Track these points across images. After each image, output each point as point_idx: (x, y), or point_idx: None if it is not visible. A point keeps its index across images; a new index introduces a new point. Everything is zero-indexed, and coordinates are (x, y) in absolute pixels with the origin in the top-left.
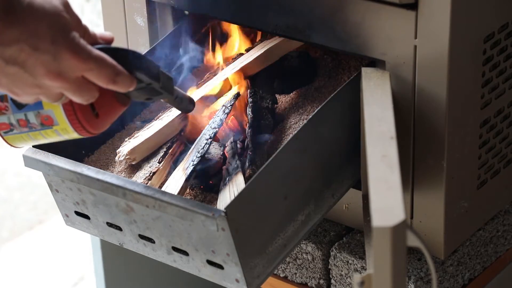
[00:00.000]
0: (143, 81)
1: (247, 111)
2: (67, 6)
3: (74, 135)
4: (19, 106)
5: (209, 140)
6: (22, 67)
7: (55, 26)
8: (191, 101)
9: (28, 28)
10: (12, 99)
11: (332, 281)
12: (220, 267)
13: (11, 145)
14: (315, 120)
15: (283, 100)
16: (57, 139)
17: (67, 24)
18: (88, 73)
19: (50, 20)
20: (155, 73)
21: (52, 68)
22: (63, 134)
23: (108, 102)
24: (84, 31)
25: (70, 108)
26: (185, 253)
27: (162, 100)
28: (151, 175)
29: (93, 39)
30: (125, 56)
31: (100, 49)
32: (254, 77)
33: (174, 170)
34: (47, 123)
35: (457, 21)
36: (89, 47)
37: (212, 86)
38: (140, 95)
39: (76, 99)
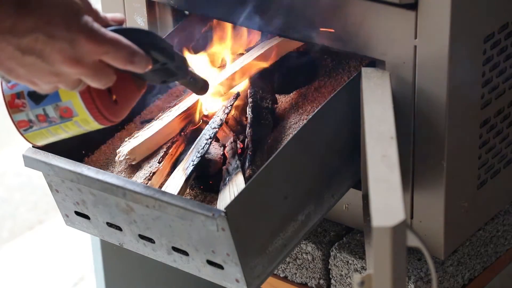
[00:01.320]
0: (159, 60)
1: (247, 111)
2: None
3: (94, 124)
4: (37, 101)
5: (209, 140)
6: (39, 56)
7: (68, 12)
8: (205, 83)
9: (42, 17)
10: (29, 95)
11: (332, 281)
12: (220, 267)
13: (32, 143)
14: (315, 120)
15: (283, 100)
16: (78, 131)
17: (79, 10)
18: (105, 56)
19: (62, 7)
20: (169, 52)
21: (69, 54)
22: (83, 125)
23: (125, 87)
24: (96, 15)
25: (88, 96)
26: (185, 253)
27: (177, 82)
28: (151, 175)
29: (105, 22)
30: (139, 36)
31: (113, 30)
32: (254, 77)
33: (174, 170)
34: (66, 115)
35: (457, 21)
36: (103, 30)
37: (212, 86)
38: (155, 78)
39: (95, 84)
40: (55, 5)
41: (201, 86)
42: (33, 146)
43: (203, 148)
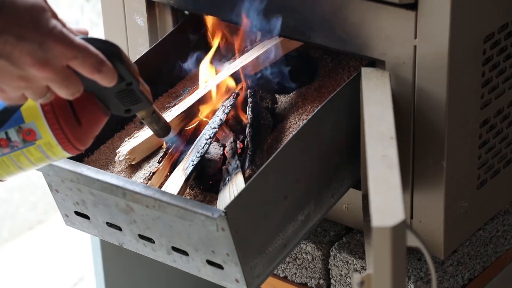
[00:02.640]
0: (124, 78)
1: (247, 111)
2: None
3: (57, 149)
4: None
5: (209, 140)
6: (8, 59)
7: (38, 15)
8: (167, 124)
9: (11, 19)
10: None
11: (332, 281)
12: (220, 267)
13: None
14: (315, 120)
15: (283, 100)
16: (41, 159)
17: (48, 13)
18: (73, 61)
19: (31, 9)
20: (135, 71)
21: (38, 56)
22: (46, 150)
23: (90, 108)
24: (63, 23)
25: (52, 116)
26: (185, 253)
27: (139, 115)
28: (151, 175)
29: (71, 31)
30: (106, 47)
31: (82, 39)
32: (254, 77)
33: (174, 170)
34: (29, 138)
35: (457, 21)
36: (72, 35)
37: (212, 86)
38: (119, 104)
39: (62, 91)
40: (24, 7)
41: (162, 126)
42: None
43: (203, 148)
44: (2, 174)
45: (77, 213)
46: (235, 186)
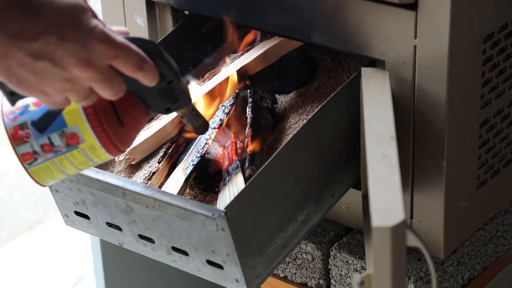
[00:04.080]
0: (165, 76)
1: (247, 111)
2: None
3: (101, 152)
4: (42, 129)
5: (209, 140)
6: (51, 61)
7: (77, 14)
8: (206, 121)
9: (51, 19)
10: (33, 124)
11: (332, 281)
12: (220, 267)
13: (37, 181)
14: (315, 120)
15: (283, 100)
16: (84, 163)
17: (87, 12)
18: (116, 60)
19: (72, 9)
20: (176, 69)
21: (82, 56)
22: (89, 153)
23: (132, 108)
24: (103, 23)
25: (95, 118)
26: (185, 253)
27: (178, 113)
28: (151, 175)
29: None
30: (147, 46)
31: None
32: (254, 77)
33: (173, 170)
34: (72, 142)
35: (457, 21)
36: (114, 34)
37: (212, 86)
38: (159, 102)
39: (106, 92)
40: (64, 7)
41: (201, 123)
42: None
43: (203, 148)
44: (45, 180)
45: (77, 213)
46: (235, 186)
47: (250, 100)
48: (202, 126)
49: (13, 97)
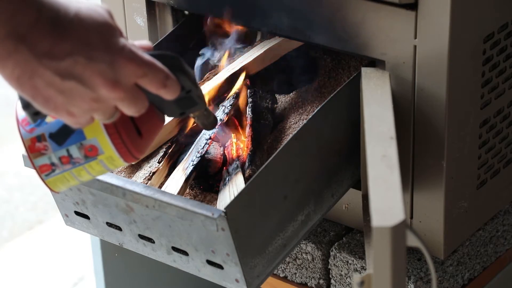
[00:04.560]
0: (185, 87)
1: (247, 111)
2: (111, 15)
3: (119, 162)
4: (60, 142)
5: (209, 140)
6: (79, 81)
7: (106, 34)
8: (215, 118)
9: (79, 39)
10: (51, 136)
11: (332, 281)
12: (220, 267)
13: (52, 190)
14: (315, 120)
15: (283, 100)
16: (100, 172)
17: (116, 31)
18: (142, 79)
19: (100, 28)
20: (194, 77)
21: (110, 76)
22: (107, 164)
23: (150, 119)
24: (129, 42)
25: (115, 131)
26: (185, 253)
27: (191, 114)
28: (151, 175)
29: (137, 48)
30: (169, 61)
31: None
32: (254, 77)
33: (173, 170)
34: (91, 154)
35: (456, 21)
36: (140, 52)
37: (212, 86)
38: (175, 108)
39: (130, 110)
40: (92, 26)
41: (212, 120)
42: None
43: (203, 148)
44: (60, 187)
45: (77, 213)
46: (235, 186)
47: (250, 100)
48: (211, 123)
49: (35, 117)
